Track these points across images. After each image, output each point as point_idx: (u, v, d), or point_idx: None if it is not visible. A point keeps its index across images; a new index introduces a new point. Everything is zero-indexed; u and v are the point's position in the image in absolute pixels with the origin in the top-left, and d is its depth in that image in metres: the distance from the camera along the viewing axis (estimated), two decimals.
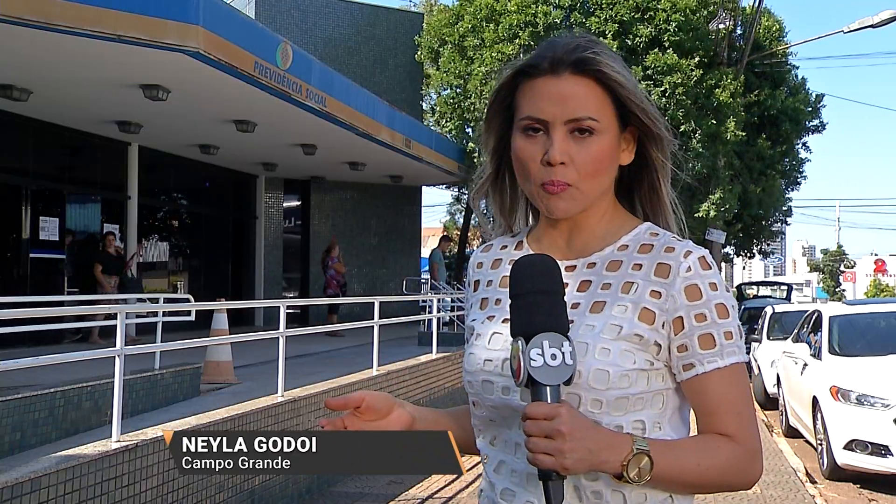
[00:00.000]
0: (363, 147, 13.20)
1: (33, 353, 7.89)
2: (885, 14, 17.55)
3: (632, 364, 1.18)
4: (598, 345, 1.18)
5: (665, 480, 1.15)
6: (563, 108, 1.21)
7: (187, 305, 8.59)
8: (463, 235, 24.76)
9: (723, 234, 18.76)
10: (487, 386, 1.24)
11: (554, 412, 1.07)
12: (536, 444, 1.07)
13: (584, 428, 1.09)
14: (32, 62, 8.15)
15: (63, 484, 4.13)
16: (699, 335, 1.19)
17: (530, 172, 1.23)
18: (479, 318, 1.33)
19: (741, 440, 1.19)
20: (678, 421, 1.24)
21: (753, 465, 1.20)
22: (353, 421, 1.29)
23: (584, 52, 1.22)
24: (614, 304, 1.21)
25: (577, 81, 1.22)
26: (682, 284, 1.20)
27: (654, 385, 1.20)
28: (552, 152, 1.20)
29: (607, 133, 1.23)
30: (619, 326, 1.19)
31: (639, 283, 1.21)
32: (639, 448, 1.11)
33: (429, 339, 10.24)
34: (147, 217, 13.65)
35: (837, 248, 60.08)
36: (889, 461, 6.67)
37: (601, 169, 1.23)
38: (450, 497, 6.40)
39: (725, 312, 1.20)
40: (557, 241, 1.31)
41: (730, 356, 1.20)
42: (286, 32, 14.92)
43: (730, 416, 1.19)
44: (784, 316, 12.72)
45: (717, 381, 1.19)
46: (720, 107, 16.99)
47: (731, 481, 1.20)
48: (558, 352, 1.08)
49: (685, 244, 1.23)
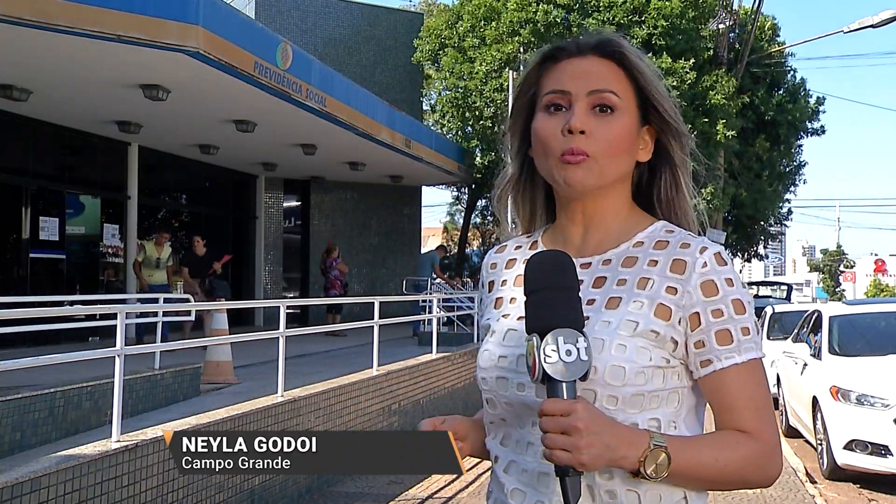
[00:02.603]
0: (363, 147, 13.20)
1: (33, 353, 7.89)
2: (885, 14, 17.55)
3: (648, 361, 1.18)
4: (615, 341, 1.17)
5: (683, 477, 1.15)
6: (587, 80, 1.24)
7: (187, 305, 8.59)
8: (463, 235, 24.76)
9: (722, 234, 18.77)
10: (502, 382, 1.24)
11: (570, 408, 1.07)
12: (553, 441, 1.07)
13: (601, 424, 1.09)
14: (32, 62, 8.15)
15: (63, 484, 4.13)
16: (716, 331, 1.19)
17: (549, 146, 1.24)
18: (494, 317, 1.33)
19: (760, 436, 1.18)
20: (693, 420, 1.24)
21: (773, 461, 1.20)
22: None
23: (610, 38, 1.27)
24: (630, 300, 1.21)
25: (600, 62, 1.26)
26: (699, 280, 1.19)
27: (669, 383, 1.20)
28: (573, 120, 1.22)
29: (627, 114, 1.25)
30: (636, 322, 1.19)
31: (655, 279, 1.21)
32: (656, 444, 1.11)
33: (429, 339, 10.24)
34: (147, 217, 13.65)
35: (837, 248, 60.09)
36: (889, 461, 6.66)
37: (620, 147, 1.24)
38: (450, 497, 6.40)
39: (742, 308, 1.20)
40: (573, 238, 1.31)
41: (747, 352, 1.19)
42: (286, 32, 14.92)
43: (748, 412, 1.19)
44: (784, 316, 12.70)
45: (734, 377, 1.19)
46: (713, 108, 17.03)
47: (750, 478, 1.19)
48: (573, 348, 1.08)
49: (701, 240, 1.23)
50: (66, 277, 11.61)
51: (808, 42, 23.94)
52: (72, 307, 8.56)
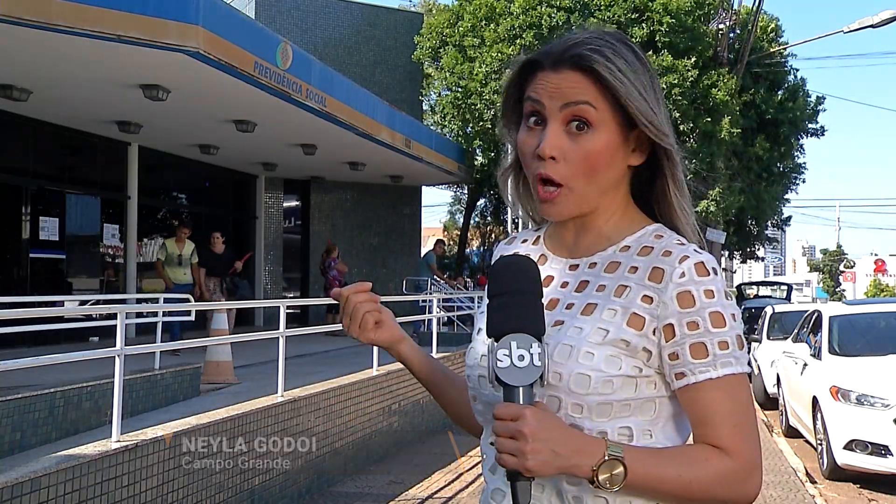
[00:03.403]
0: (363, 147, 13.20)
1: (33, 353, 7.90)
2: (885, 14, 17.56)
3: (617, 370, 1.15)
4: (583, 348, 1.15)
5: (642, 489, 1.12)
6: (560, 96, 1.19)
7: (187, 305, 8.59)
8: (463, 235, 24.77)
9: (722, 234, 18.75)
10: (483, 381, 1.24)
11: (518, 413, 1.06)
12: (502, 444, 1.06)
13: (550, 430, 1.07)
14: (32, 62, 8.15)
15: (63, 484, 4.13)
16: (690, 344, 1.14)
17: (528, 164, 1.24)
18: (482, 314, 1.33)
19: (736, 454, 1.13)
20: (672, 429, 1.20)
21: (749, 480, 1.14)
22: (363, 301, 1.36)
23: (584, 48, 1.19)
24: (605, 307, 1.19)
25: (573, 75, 1.19)
26: (675, 291, 1.15)
27: (643, 392, 1.17)
28: (543, 145, 1.19)
29: (605, 129, 1.19)
30: (606, 331, 1.16)
31: (632, 286, 1.18)
32: (612, 454, 1.08)
33: (429, 338, 10.24)
34: (147, 217, 13.64)
35: (837, 248, 60.06)
36: (889, 461, 6.66)
37: (596, 167, 1.20)
38: (450, 497, 6.39)
39: (721, 321, 1.14)
40: (566, 239, 1.31)
41: (725, 367, 1.14)
42: (286, 32, 14.92)
43: (723, 429, 1.14)
44: (784, 316, 12.71)
45: (709, 392, 1.14)
46: (716, 106, 17.02)
47: (720, 496, 1.13)
48: (526, 353, 1.07)
49: (685, 248, 1.18)
50: (66, 277, 11.60)
51: (808, 42, 23.94)
52: (80, 307, 8.56)
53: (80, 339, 9.48)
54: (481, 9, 18.33)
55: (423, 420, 8.84)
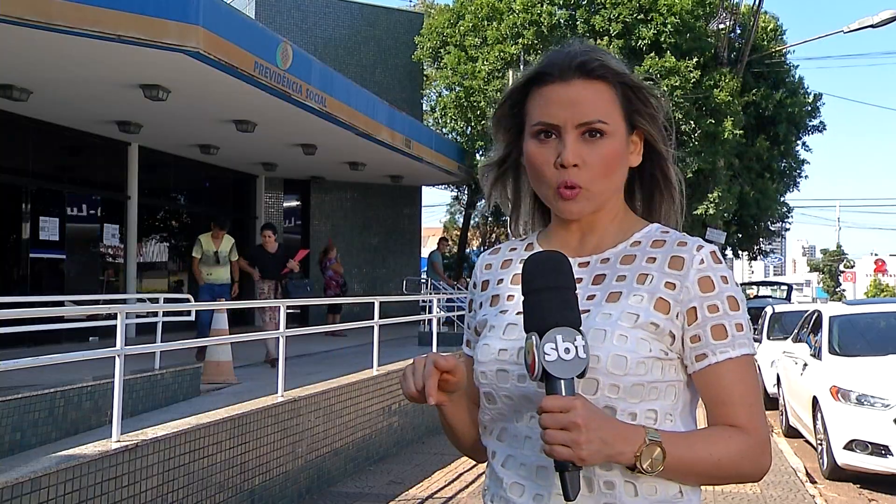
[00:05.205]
0: (363, 147, 13.20)
1: (33, 353, 7.90)
2: (885, 14, 17.54)
3: (648, 351, 1.21)
4: (616, 331, 1.21)
5: (678, 471, 1.18)
6: (574, 111, 1.26)
7: (187, 305, 8.59)
8: (463, 235, 24.78)
9: (722, 234, 18.74)
10: (503, 375, 1.26)
11: (570, 405, 1.09)
12: (553, 436, 1.09)
13: (599, 419, 1.11)
14: (32, 62, 8.15)
15: (63, 484, 4.12)
16: (712, 325, 1.23)
17: (545, 176, 1.28)
18: (490, 313, 1.36)
19: (752, 431, 1.22)
20: (688, 416, 1.27)
21: (765, 454, 1.23)
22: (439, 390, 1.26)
23: (590, 54, 1.29)
24: (630, 293, 1.25)
25: (585, 86, 1.27)
26: (696, 276, 1.24)
27: (668, 375, 1.23)
28: (565, 154, 1.24)
29: (617, 135, 1.28)
30: (636, 315, 1.22)
31: (654, 274, 1.25)
32: (651, 439, 1.14)
33: (429, 338, 10.24)
34: (147, 217, 13.65)
35: (837, 248, 60.03)
36: (889, 461, 6.66)
37: (612, 169, 1.28)
38: (450, 497, 6.39)
39: (736, 305, 1.24)
40: (570, 241, 1.35)
41: (741, 347, 1.23)
42: (286, 32, 14.91)
43: (741, 408, 1.22)
44: (784, 316, 12.71)
45: (728, 372, 1.23)
46: (718, 107, 17.01)
47: (743, 472, 1.23)
48: (572, 346, 1.11)
49: (696, 240, 1.28)
50: (66, 277, 11.60)
51: (809, 42, 23.93)
52: (76, 306, 8.55)
53: (80, 338, 9.48)
54: (483, 8, 18.32)
55: (423, 420, 8.84)
